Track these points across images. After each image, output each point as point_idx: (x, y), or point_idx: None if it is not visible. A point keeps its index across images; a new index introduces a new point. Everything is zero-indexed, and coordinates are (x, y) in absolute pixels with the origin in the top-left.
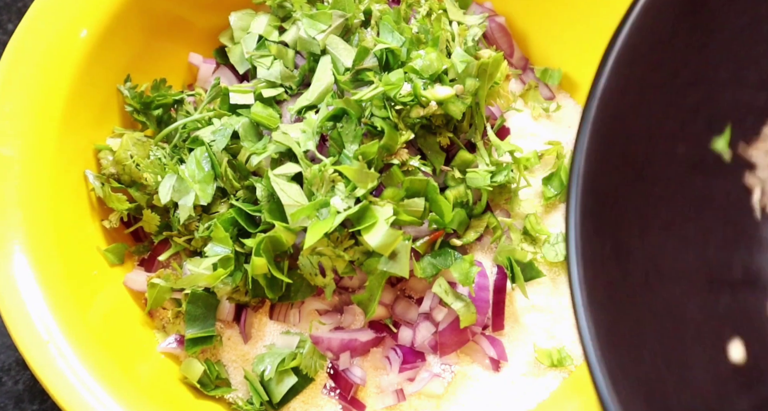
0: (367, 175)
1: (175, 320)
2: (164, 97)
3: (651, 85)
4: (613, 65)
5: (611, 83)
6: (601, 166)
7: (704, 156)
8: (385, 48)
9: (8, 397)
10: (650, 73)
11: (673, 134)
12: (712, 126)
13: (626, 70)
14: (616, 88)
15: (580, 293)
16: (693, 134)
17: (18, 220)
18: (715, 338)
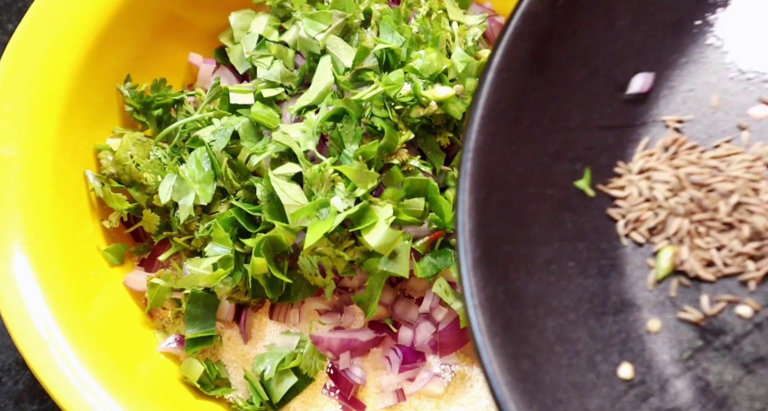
0: (367, 175)
1: (175, 320)
2: (164, 97)
3: (514, 139)
4: (478, 125)
5: (479, 142)
6: (481, 218)
7: (570, 195)
8: (385, 48)
9: (8, 397)
10: (512, 127)
11: (541, 179)
12: (574, 167)
13: (490, 128)
14: (484, 145)
15: (481, 338)
16: (558, 177)
17: (18, 220)
18: (605, 360)
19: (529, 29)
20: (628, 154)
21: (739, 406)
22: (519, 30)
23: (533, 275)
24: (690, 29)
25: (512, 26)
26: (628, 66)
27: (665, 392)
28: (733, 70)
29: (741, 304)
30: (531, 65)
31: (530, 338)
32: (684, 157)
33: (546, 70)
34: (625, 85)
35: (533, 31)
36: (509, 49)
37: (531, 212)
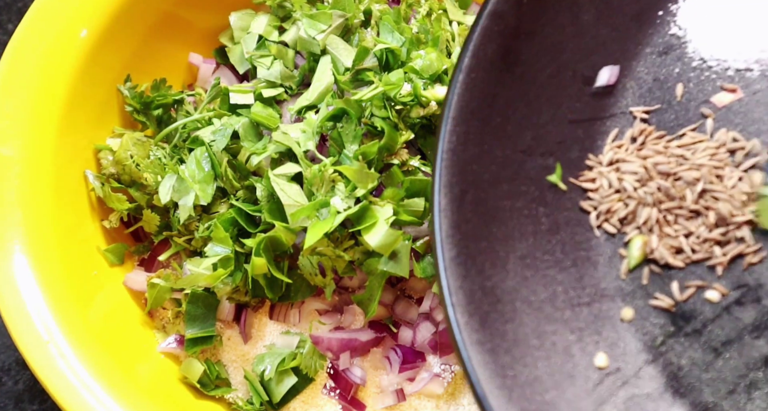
0: (367, 175)
1: (175, 320)
2: (164, 97)
3: (486, 137)
4: (450, 125)
5: (452, 142)
6: (457, 217)
7: (543, 190)
8: (385, 48)
9: (8, 397)
10: (483, 127)
11: (514, 176)
12: (546, 162)
13: (462, 128)
14: (457, 145)
15: (460, 335)
16: (531, 173)
17: (18, 220)
18: (582, 350)
19: (497, 29)
20: (598, 146)
21: (710, 388)
22: (486, 30)
23: (509, 271)
24: (653, 20)
25: (480, 26)
26: (595, 59)
27: (639, 379)
28: (696, 59)
29: (709, 289)
30: (500, 64)
31: (508, 333)
32: (651, 147)
33: (515, 68)
34: (592, 79)
35: (500, 31)
36: (477, 49)
37: (506, 209)
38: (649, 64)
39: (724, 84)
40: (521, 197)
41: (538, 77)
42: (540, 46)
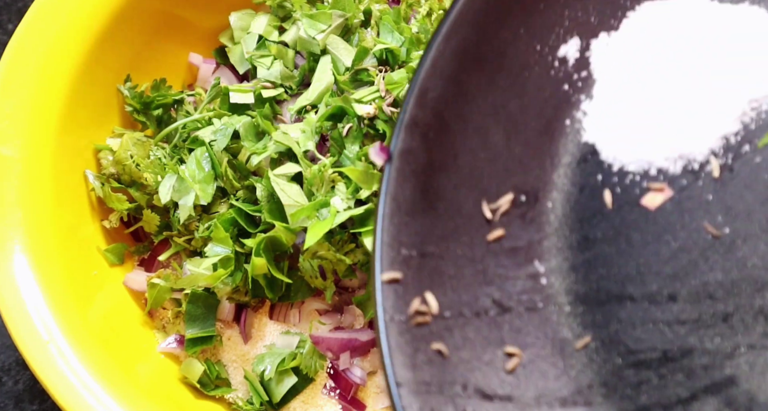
0: (372, 176)
1: (175, 320)
2: (164, 97)
3: (421, 285)
4: (379, 281)
5: (384, 297)
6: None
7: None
8: (385, 48)
9: (8, 397)
10: (417, 272)
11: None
12: (489, 299)
13: (392, 276)
14: (389, 297)
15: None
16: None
17: (18, 220)
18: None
19: (410, 169)
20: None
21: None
22: (400, 170)
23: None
24: (562, 130)
25: (393, 168)
26: (516, 179)
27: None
28: (615, 164)
29: None
30: (421, 204)
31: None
32: None
33: (437, 205)
34: (518, 200)
35: (414, 170)
36: (396, 193)
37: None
38: (569, 174)
39: (650, 185)
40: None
41: (463, 208)
42: (458, 177)
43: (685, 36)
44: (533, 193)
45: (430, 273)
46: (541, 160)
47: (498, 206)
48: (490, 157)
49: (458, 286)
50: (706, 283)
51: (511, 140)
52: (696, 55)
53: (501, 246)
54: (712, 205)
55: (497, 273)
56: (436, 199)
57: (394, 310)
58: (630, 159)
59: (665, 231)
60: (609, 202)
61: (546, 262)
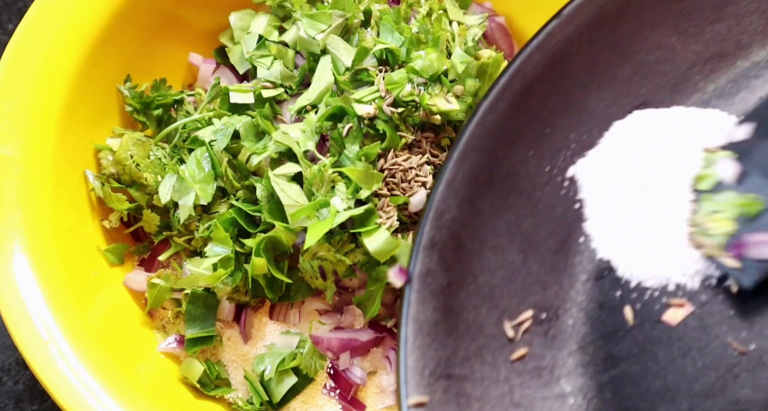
0: (372, 176)
1: (175, 320)
2: (164, 97)
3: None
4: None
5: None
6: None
7: None
8: (385, 48)
9: (8, 397)
10: (442, 396)
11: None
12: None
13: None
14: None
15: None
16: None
17: (18, 220)
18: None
19: (430, 289)
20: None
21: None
22: (420, 292)
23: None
24: (576, 248)
25: (413, 290)
26: (534, 299)
27: None
28: (632, 280)
29: None
30: (442, 324)
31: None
32: None
33: (459, 325)
34: (538, 317)
35: (434, 290)
36: (416, 315)
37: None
38: (588, 291)
39: (669, 300)
40: None
41: (484, 327)
42: (477, 296)
43: (666, 144)
44: (553, 311)
45: (456, 395)
46: (558, 277)
47: (519, 324)
48: (508, 276)
49: (485, 408)
50: (737, 401)
51: (527, 258)
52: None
53: (525, 365)
54: (734, 320)
55: (524, 393)
56: (458, 320)
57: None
58: (647, 275)
59: (690, 348)
60: (630, 318)
61: (572, 381)
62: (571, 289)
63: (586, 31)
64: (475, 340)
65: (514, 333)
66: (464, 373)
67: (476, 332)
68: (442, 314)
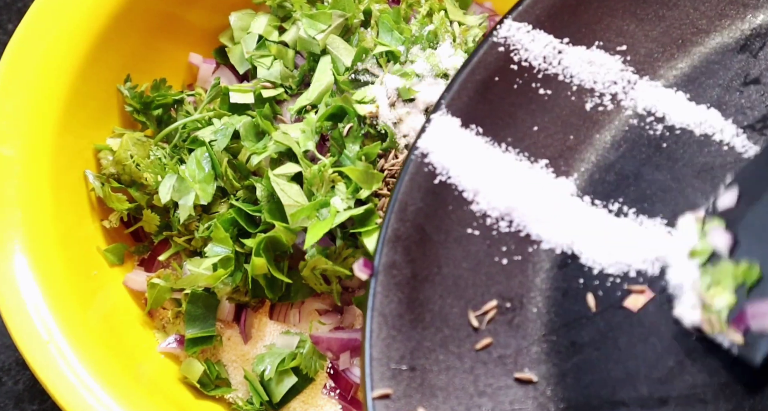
0: (372, 176)
1: (175, 320)
2: (164, 97)
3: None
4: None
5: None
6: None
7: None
8: (385, 49)
9: (8, 397)
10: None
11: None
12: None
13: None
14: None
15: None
16: None
17: (18, 220)
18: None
19: (394, 282)
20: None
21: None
22: (385, 284)
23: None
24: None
25: (378, 282)
26: (498, 288)
27: None
28: (595, 268)
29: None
30: (407, 317)
31: None
32: None
33: (424, 317)
34: (503, 307)
35: (398, 282)
36: (381, 308)
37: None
38: (552, 279)
39: (631, 287)
40: None
41: (449, 318)
42: (442, 287)
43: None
44: (518, 299)
45: (421, 386)
46: (522, 267)
47: (484, 314)
48: (473, 266)
49: (450, 398)
50: (695, 385)
51: (492, 248)
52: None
53: (490, 354)
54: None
55: (488, 382)
56: (423, 311)
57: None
58: (609, 262)
59: (650, 333)
60: (593, 305)
61: (536, 368)
62: (536, 278)
63: (546, 20)
64: (440, 331)
65: (479, 323)
66: (429, 364)
67: (441, 323)
68: (407, 306)
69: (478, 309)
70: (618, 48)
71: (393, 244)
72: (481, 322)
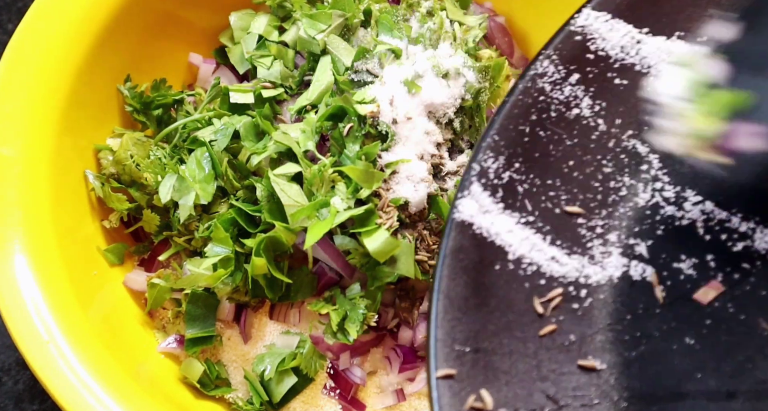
0: (372, 175)
1: (175, 320)
2: (164, 97)
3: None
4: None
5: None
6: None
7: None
8: (386, 49)
9: (8, 397)
10: (471, 370)
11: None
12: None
13: (448, 373)
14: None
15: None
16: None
17: (18, 220)
18: None
19: (461, 265)
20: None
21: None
22: (451, 268)
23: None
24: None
25: (445, 267)
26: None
27: None
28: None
29: None
30: (472, 300)
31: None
32: None
33: (486, 304)
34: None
35: (465, 266)
36: (447, 290)
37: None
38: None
39: (701, 279)
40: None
41: (514, 303)
42: (508, 274)
43: None
44: (583, 288)
45: (484, 369)
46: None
47: (549, 301)
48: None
49: (512, 381)
50: (765, 380)
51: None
52: None
53: (554, 341)
54: (765, 300)
55: (551, 368)
56: (488, 295)
57: (449, 406)
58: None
59: (719, 327)
60: (660, 297)
61: (599, 357)
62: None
63: (627, 10)
64: (504, 316)
65: (544, 309)
66: (493, 347)
67: (506, 308)
68: (472, 290)
69: (543, 296)
70: (699, 39)
71: (461, 228)
72: (546, 309)
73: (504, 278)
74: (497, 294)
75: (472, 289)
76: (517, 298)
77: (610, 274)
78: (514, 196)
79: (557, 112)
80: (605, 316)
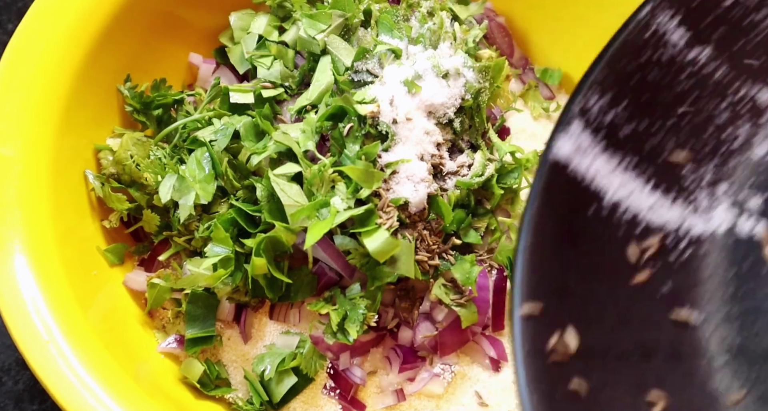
0: (372, 175)
1: (175, 320)
2: (164, 97)
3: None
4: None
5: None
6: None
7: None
8: (386, 48)
9: (8, 397)
10: (558, 305)
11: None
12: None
13: (534, 309)
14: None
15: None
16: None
17: (18, 220)
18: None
19: (553, 205)
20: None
21: None
22: (544, 208)
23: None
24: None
25: (538, 204)
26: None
27: None
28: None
29: None
30: (565, 238)
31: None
32: None
33: (580, 243)
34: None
35: (558, 207)
36: (539, 226)
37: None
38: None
39: None
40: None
41: (606, 249)
42: (602, 217)
43: None
44: (683, 239)
45: (570, 309)
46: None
47: (644, 250)
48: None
49: (599, 327)
50: None
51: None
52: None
53: (646, 290)
54: None
55: (641, 317)
56: (579, 239)
57: (532, 343)
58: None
59: None
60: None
61: (696, 309)
62: (710, 217)
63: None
64: (595, 260)
65: (638, 258)
66: (581, 290)
67: (597, 253)
68: (563, 231)
69: (638, 244)
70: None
71: (555, 169)
72: (641, 258)
73: (597, 223)
74: (589, 238)
75: (563, 230)
76: (609, 244)
77: (715, 227)
78: (617, 138)
79: (670, 56)
80: (706, 269)
